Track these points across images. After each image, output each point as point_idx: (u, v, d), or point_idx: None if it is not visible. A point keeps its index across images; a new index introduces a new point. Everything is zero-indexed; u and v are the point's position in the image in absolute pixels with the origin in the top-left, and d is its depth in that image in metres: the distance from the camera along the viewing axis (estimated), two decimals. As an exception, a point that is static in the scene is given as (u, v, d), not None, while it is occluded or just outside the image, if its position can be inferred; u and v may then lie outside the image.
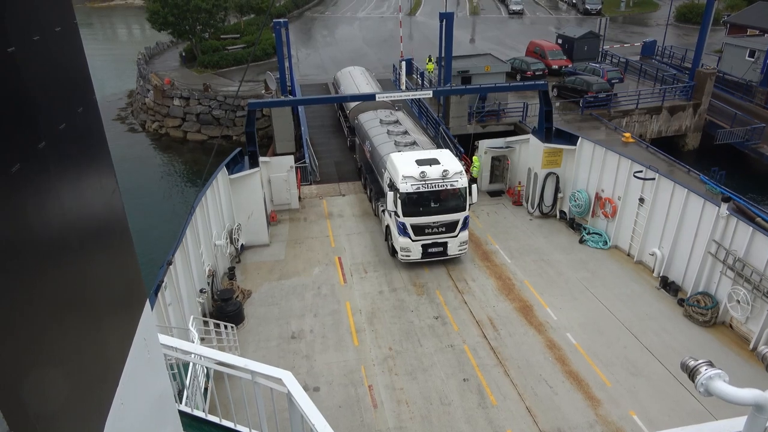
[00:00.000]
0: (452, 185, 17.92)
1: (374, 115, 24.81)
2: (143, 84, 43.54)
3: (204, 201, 17.00)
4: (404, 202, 17.86)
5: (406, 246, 18.44)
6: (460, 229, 18.47)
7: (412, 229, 18.20)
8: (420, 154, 18.98)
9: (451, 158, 18.68)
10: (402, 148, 20.66)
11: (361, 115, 25.56)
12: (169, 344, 6.43)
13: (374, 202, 22.70)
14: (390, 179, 18.77)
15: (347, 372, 14.62)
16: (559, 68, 40.34)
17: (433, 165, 17.97)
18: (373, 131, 23.13)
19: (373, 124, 23.89)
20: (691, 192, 17.04)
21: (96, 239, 2.77)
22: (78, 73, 2.74)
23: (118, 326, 3.03)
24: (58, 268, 2.33)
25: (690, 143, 34.72)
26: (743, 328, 15.49)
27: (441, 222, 18.26)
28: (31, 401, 2.04)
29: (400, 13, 54.52)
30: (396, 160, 18.64)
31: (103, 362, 2.78)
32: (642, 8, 76.21)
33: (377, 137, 22.39)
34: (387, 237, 20.23)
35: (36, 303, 2.14)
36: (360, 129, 24.94)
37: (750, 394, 3.89)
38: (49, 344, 2.21)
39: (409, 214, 18.03)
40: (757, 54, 38.43)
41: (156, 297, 12.21)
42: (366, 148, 23.44)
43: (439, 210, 18.15)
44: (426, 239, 18.39)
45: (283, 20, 34.50)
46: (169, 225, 23.68)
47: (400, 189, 17.70)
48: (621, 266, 19.15)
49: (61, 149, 2.41)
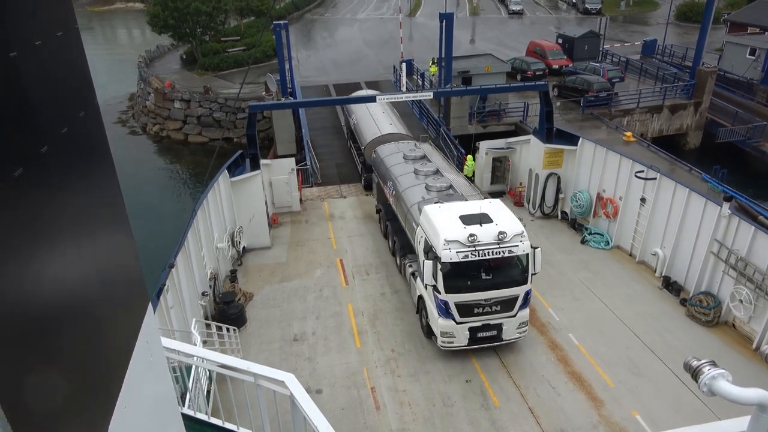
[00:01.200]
0: (511, 251, 13.80)
1: (396, 149, 21.20)
2: (144, 87, 43.61)
3: (205, 204, 17.01)
4: (447, 275, 13.72)
5: (448, 330, 14.35)
6: (519, 307, 14.42)
7: (456, 309, 14.11)
8: (464, 207, 14.83)
9: (505, 213, 14.69)
10: (435, 194, 16.92)
11: (381, 148, 21.94)
12: (172, 347, 6.44)
13: (398, 257, 18.83)
14: (426, 241, 14.56)
15: (350, 374, 14.61)
16: (559, 68, 40.33)
17: (485, 224, 13.86)
18: (397, 170, 19.34)
19: (396, 160, 20.10)
20: (692, 191, 17.01)
21: (97, 241, 2.77)
22: (79, 77, 2.74)
23: (121, 329, 3.03)
24: (60, 271, 2.33)
25: (691, 142, 34.69)
26: (746, 328, 15.46)
27: (495, 299, 14.15)
28: (34, 403, 2.04)
29: (400, 15, 54.58)
30: (434, 216, 14.50)
31: (106, 365, 2.78)
32: (642, 7, 76.17)
33: (402, 178, 18.64)
34: (419, 310, 16.09)
35: (38, 305, 2.14)
36: (379, 166, 21.05)
37: (754, 394, 3.88)
38: (51, 347, 2.22)
39: (454, 290, 13.91)
40: (758, 52, 38.39)
41: (158, 300, 12.22)
42: (388, 190, 19.53)
43: (493, 284, 14.05)
44: (475, 321, 14.32)
45: (283, 22, 34.55)
46: (171, 228, 23.69)
47: (441, 257, 13.55)
48: (623, 266, 19.12)
49: (64, 153, 2.41)
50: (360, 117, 26.89)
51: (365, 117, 26.48)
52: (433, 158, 20.48)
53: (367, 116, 26.39)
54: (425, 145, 22.67)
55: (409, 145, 21.69)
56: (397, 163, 19.83)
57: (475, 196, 17.66)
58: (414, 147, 21.18)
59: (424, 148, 21.54)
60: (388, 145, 21.92)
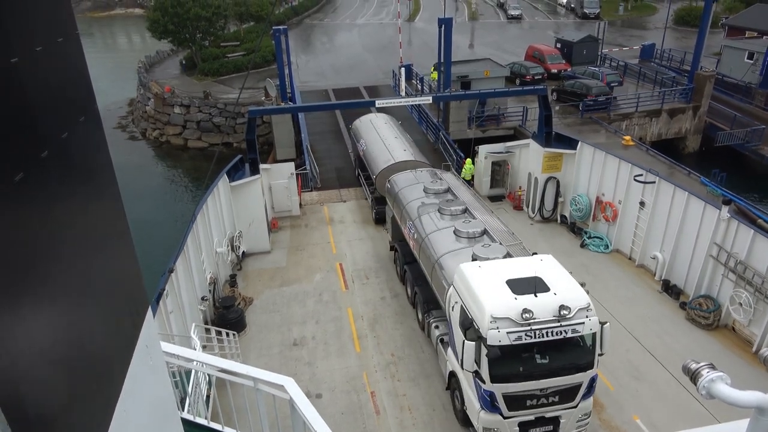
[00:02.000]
0: (575, 331, 10.72)
1: (414, 179, 18.35)
2: (144, 92, 43.69)
3: (205, 208, 17.02)
4: (494, 361, 10.65)
5: (493, 426, 11.39)
6: (582, 396, 11.39)
7: (505, 402, 11.10)
8: (510, 268, 11.71)
9: (562, 276, 11.51)
10: (467, 241, 14.23)
11: (396, 178, 18.85)
12: (171, 352, 6.45)
13: (420, 311, 16.11)
14: (464, 312, 11.53)
15: (349, 378, 14.60)
16: (558, 72, 40.45)
17: (540, 293, 10.78)
18: (417, 207, 16.50)
19: (414, 193, 17.32)
20: (691, 195, 17.03)
21: (98, 246, 2.78)
22: (80, 82, 2.76)
23: (120, 334, 3.04)
24: (60, 275, 2.34)
25: (690, 146, 34.74)
26: (746, 331, 15.45)
27: (553, 388, 11.11)
28: (34, 407, 2.05)
29: (399, 19, 54.72)
30: (474, 280, 11.41)
31: (106, 369, 2.78)
32: (640, 11, 76.44)
33: (425, 219, 15.69)
34: (451, 389, 13.17)
35: (37, 311, 2.15)
36: (395, 200, 18.03)
37: (752, 397, 3.89)
38: (50, 350, 2.23)
39: (502, 379, 10.92)
40: (756, 56, 38.50)
41: (158, 305, 12.22)
42: (407, 231, 16.57)
43: (550, 369, 10.96)
44: (526, 414, 11.31)
45: (282, 27, 34.65)
46: (171, 233, 23.69)
47: (487, 339, 10.50)
48: (622, 270, 19.12)
49: (64, 158, 2.43)
50: (369, 142, 23.87)
51: (375, 142, 23.51)
52: (459, 192, 17.36)
53: (377, 141, 23.46)
54: (447, 174, 19.48)
55: (428, 174, 18.78)
56: (416, 198, 17.03)
57: (516, 246, 14.30)
58: (435, 178, 18.31)
59: (446, 179, 18.46)
60: (405, 174, 19.01)
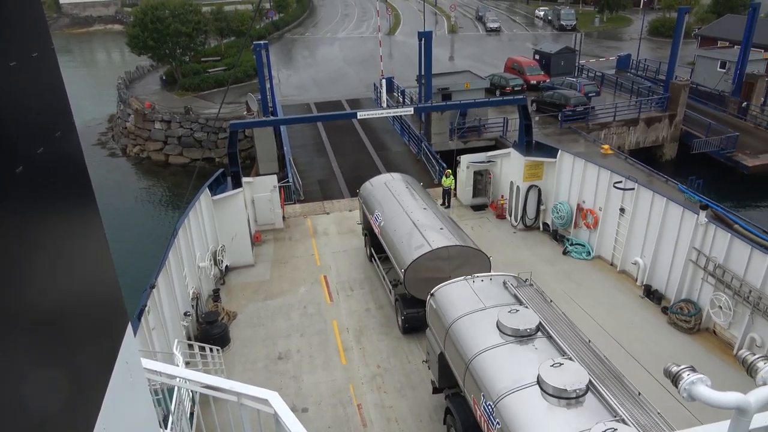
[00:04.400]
0: None
1: (471, 296, 11.90)
2: (124, 108, 43.35)
3: (187, 223, 16.87)
4: None
5: None
6: None
7: None
8: None
9: None
10: None
11: (446, 293, 12.29)
12: (154, 368, 6.34)
13: None
14: None
15: (336, 391, 14.49)
16: (537, 83, 41.07)
17: None
18: (491, 364, 10.19)
19: (478, 327, 11.04)
20: (670, 201, 17.32)
21: (75, 263, 2.75)
22: (56, 97, 2.74)
23: (99, 351, 3.00)
24: (36, 293, 2.31)
25: (667, 153, 35.42)
26: (726, 334, 15.68)
27: None
28: (10, 427, 2.01)
29: (380, 33, 55.21)
30: None
31: (84, 388, 2.74)
32: (615, 23, 78.04)
33: (513, 402, 9.29)
34: None
35: (13, 327, 2.12)
36: (450, 339, 11.39)
37: (732, 398, 3.95)
38: (26, 371, 2.19)
39: None
40: (728, 65, 39.51)
41: (139, 322, 12.04)
42: (479, 409, 10.08)
43: None
44: None
45: (263, 42, 34.75)
46: (152, 248, 23.42)
47: None
48: (605, 276, 19.32)
49: (39, 173, 2.41)
50: (389, 216, 17.66)
51: (397, 217, 17.36)
52: (562, 339, 10.44)
53: (400, 215, 17.34)
54: (528, 289, 12.21)
55: (496, 287, 12.28)
56: (484, 342, 10.59)
57: None
58: (513, 304, 11.36)
59: (533, 305, 11.44)
60: (459, 288, 12.26)
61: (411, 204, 18.02)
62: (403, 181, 20.12)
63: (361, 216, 20.98)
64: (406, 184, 19.80)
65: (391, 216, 17.69)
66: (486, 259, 15.60)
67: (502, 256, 20.69)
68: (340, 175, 29.18)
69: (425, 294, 13.19)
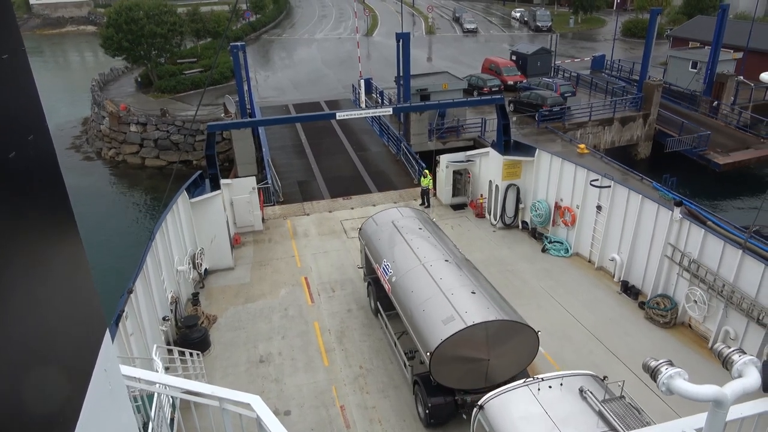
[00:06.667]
0: None
1: (534, 406, 9.44)
2: (98, 111, 42.58)
3: (164, 226, 16.64)
4: None
5: None
6: None
7: None
8: None
9: None
10: None
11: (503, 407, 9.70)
12: (133, 375, 6.24)
13: None
14: None
15: (318, 393, 14.42)
16: (514, 84, 41.47)
17: None
18: None
19: None
20: (645, 198, 17.64)
21: (50, 269, 2.69)
22: (28, 100, 2.69)
23: (76, 358, 2.94)
24: (9, 301, 2.26)
25: (642, 152, 36.05)
26: (701, 328, 16.02)
27: None
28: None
29: (358, 34, 55.22)
30: None
31: (61, 396, 2.69)
32: (590, 24, 79.22)
33: None
34: None
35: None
36: None
37: (709, 391, 4.04)
38: (0, 380, 2.14)
39: None
40: (699, 65, 40.38)
41: (117, 327, 11.84)
42: None
43: None
44: None
45: (240, 43, 34.47)
46: (130, 253, 23.06)
47: None
48: (583, 273, 19.59)
49: (11, 178, 2.36)
50: (402, 268, 14.47)
51: (414, 272, 14.08)
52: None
53: (418, 271, 14.07)
54: (617, 404, 9.42)
55: (573, 403, 9.51)
56: None
57: None
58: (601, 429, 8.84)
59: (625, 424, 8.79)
60: (519, 398, 9.68)
61: (429, 253, 14.59)
62: (415, 218, 16.79)
63: (362, 259, 17.97)
64: (418, 223, 16.45)
65: (404, 269, 14.29)
66: (534, 336, 12.35)
67: (481, 255, 20.86)
68: (320, 176, 29.08)
69: (455, 381, 11.45)
